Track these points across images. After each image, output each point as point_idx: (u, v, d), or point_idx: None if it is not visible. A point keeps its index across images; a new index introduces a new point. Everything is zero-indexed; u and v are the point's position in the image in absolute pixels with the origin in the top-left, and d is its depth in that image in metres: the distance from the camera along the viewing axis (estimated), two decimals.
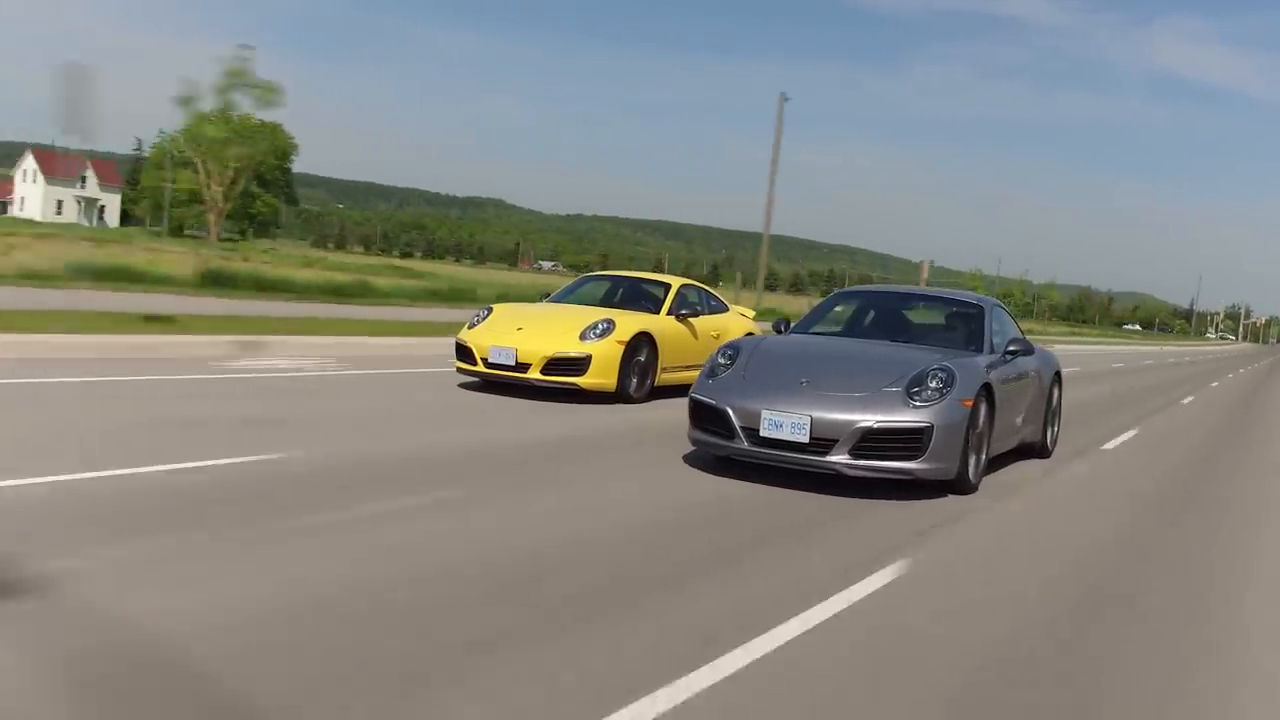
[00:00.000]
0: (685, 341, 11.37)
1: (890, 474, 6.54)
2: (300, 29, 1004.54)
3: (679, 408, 9.18)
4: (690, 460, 7.42)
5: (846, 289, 10.26)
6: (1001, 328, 8.62)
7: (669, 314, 11.36)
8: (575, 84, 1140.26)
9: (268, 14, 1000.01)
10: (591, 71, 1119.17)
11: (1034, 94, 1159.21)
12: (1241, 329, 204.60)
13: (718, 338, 11.68)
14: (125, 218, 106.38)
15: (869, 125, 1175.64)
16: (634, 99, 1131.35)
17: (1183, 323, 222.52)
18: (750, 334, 11.95)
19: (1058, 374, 9.76)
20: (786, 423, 6.53)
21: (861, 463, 6.46)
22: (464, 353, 10.34)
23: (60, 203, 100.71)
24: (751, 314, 13.51)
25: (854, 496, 6.61)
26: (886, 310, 8.93)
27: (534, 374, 9.91)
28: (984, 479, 7.46)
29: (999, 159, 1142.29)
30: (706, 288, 12.88)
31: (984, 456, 7.32)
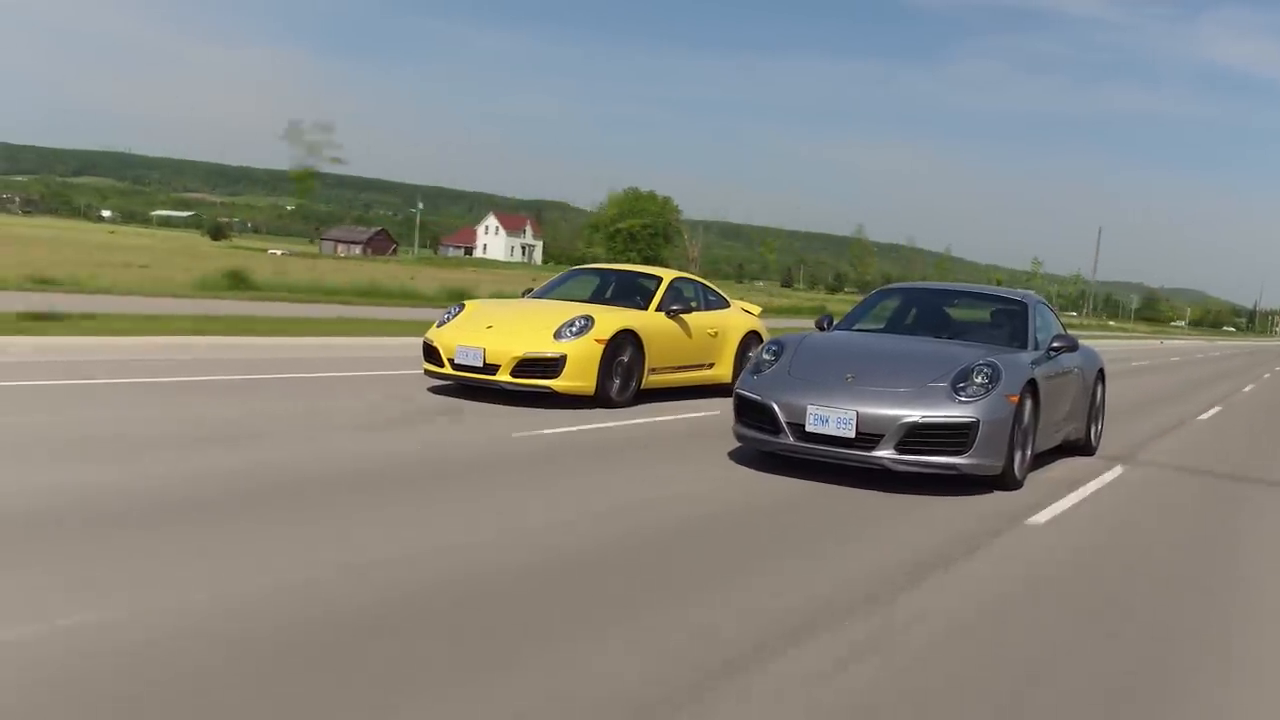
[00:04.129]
0: (676, 340, 10.48)
1: (936, 469, 6.57)
2: (335, 29, 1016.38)
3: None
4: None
5: (889, 286, 10.26)
6: (1045, 324, 8.62)
7: (658, 310, 10.47)
8: (617, 83, 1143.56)
9: (302, 17, 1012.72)
10: (633, 70, 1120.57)
11: (1077, 88, 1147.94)
12: None
13: (715, 335, 11.07)
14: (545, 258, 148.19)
15: (913, 122, 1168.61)
16: (678, 97, 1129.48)
17: (1243, 320, 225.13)
18: (754, 331, 11.62)
19: (1101, 371, 9.72)
20: (832, 418, 6.58)
21: (907, 457, 6.50)
22: (431, 353, 9.62)
23: (512, 248, 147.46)
24: (757, 310, 12.57)
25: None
26: (929, 307, 8.94)
27: (503, 376, 9.14)
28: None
29: (1046, 155, 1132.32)
30: (705, 281, 11.99)
31: (1029, 452, 7.34)
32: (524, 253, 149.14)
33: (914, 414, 6.50)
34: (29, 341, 10.10)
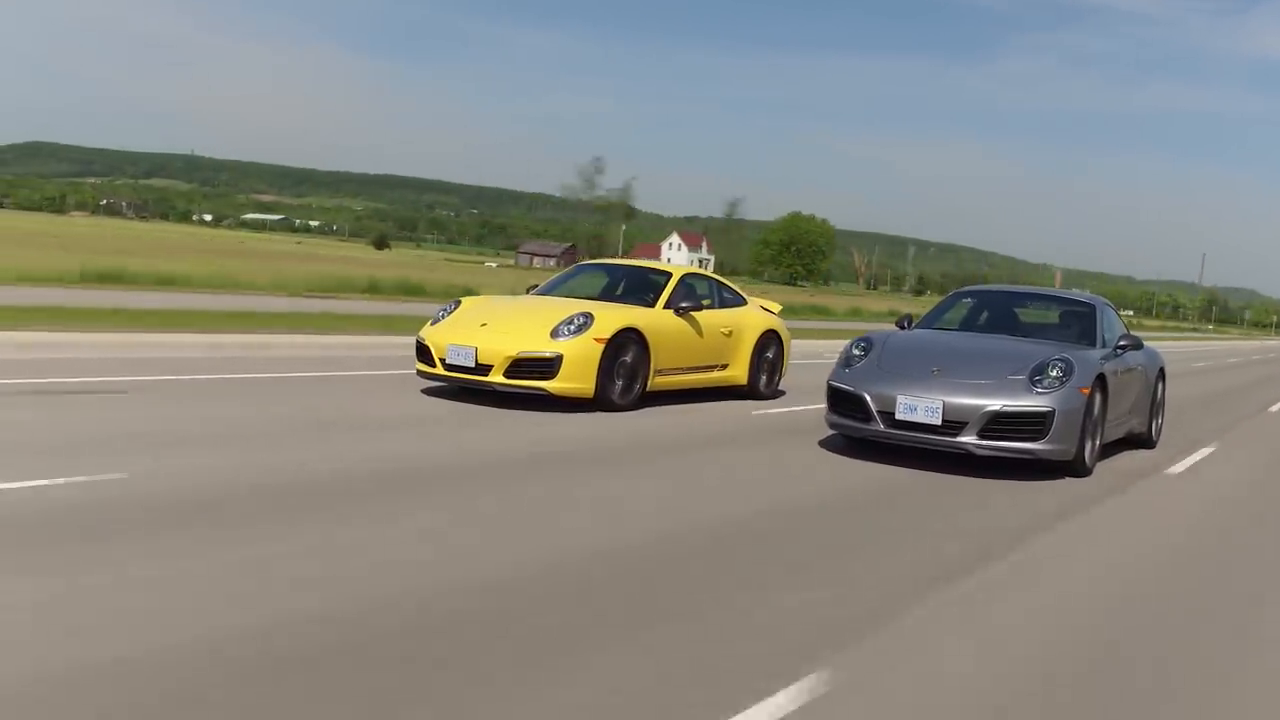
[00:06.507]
0: (686, 339, 9.92)
1: (1015, 454, 7.33)
2: (371, 29, 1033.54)
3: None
4: None
5: (964, 288, 10.97)
6: (1110, 324, 9.32)
7: (667, 307, 9.92)
8: (659, 83, 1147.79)
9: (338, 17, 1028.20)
10: (675, 70, 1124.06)
11: (1126, 85, 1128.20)
12: None
13: (730, 334, 10.51)
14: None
15: (961, 120, 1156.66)
16: (721, 97, 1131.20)
17: None
18: (773, 331, 11.13)
19: (1162, 370, 10.38)
20: (920, 407, 7.37)
21: (989, 443, 7.27)
22: (423, 352, 9.18)
23: (693, 262, 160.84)
24: (777, 308, 11.88)
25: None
26: (1002, 308, 9.68)
27: (496, 377, 8.69)
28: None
29: (1092, 153, 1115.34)
30: (719, 278, 11.33)
31: (1099, 441, 8.07)
32: (701, 265, 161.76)
33: (996, 403, 7.27)
34: None
